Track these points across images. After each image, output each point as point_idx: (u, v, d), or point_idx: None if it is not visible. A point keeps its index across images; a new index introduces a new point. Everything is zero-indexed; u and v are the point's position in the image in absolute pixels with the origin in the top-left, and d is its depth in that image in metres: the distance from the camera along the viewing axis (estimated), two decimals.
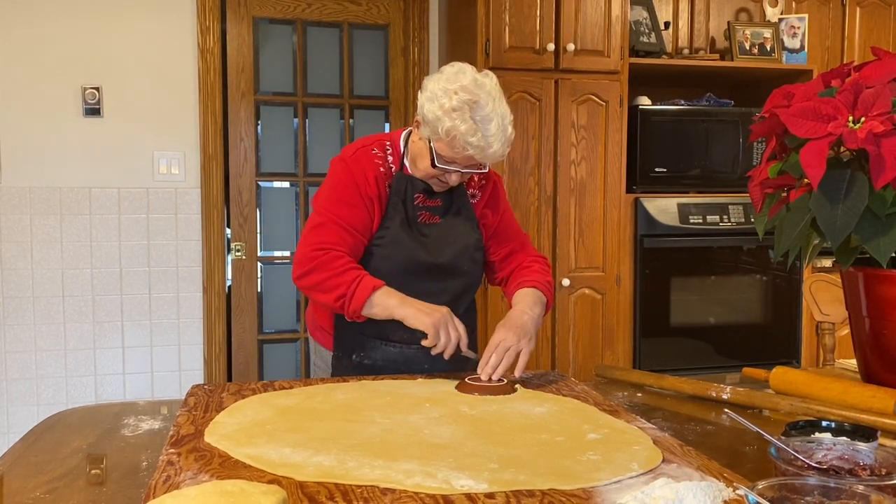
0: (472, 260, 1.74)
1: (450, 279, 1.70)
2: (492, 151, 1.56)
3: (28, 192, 3.24)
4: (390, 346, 1.69)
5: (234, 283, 3.62)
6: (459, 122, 1.52)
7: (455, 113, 1.52)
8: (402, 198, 1.68)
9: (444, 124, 1.53)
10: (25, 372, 3.27)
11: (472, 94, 1.53)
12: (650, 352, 3.34)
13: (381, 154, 1.70)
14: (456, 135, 1.53)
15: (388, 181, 1.69)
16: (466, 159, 1.58)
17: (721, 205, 3.38)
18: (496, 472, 1.00)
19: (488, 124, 1.53)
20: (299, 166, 3.67)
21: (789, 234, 1.22)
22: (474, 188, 1.78)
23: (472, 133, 1.52)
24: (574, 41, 3.14)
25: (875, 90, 1.14)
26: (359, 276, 1.56)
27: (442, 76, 1.58)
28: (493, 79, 1.59)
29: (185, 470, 1.01)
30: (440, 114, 1.54)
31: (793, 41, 3.54)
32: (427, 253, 1.68)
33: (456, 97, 1.53)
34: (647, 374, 1.58)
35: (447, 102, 1.53)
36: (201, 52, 3.37)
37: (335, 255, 1.59)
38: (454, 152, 1.57)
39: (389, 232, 1.66)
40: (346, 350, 1.73)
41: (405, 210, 1.68)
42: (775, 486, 0.79)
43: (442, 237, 1.71)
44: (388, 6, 3.68)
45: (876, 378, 1.34)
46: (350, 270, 1.57)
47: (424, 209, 1.70)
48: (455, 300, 1.70)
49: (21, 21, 3.19)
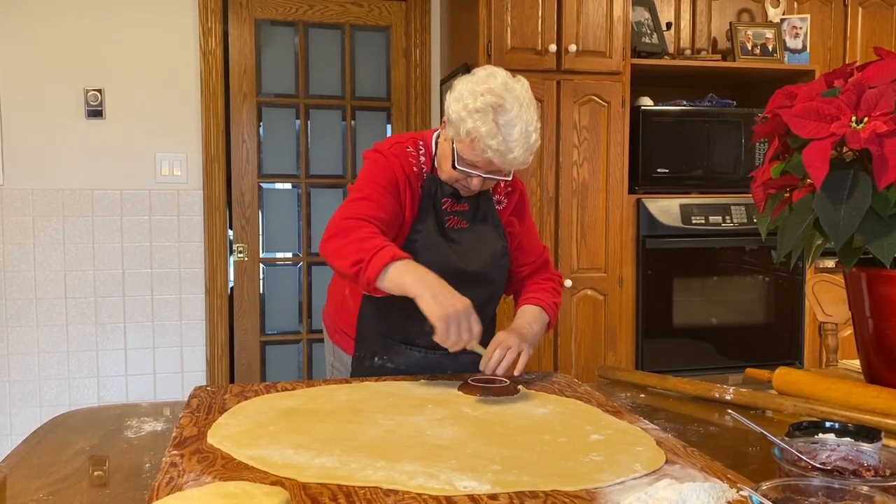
0: (499, 268, 1.72)
1: (478, 287, 1.67)
2: (512, 157, 1.51)
3: (30, 193, 3.24)
4: (415, 351, 1.67)
5: (237, 284, 3.62)
6: (481, 123, 1.49)
7: (478, 114, 1.49)
8: (432, 201, 1.65)
9: (467, 125, 1.50)
10: (28, 374, 3.27)
11: (498, 97, 1.50)
12: (652, 353, 3.34)
13: (415, 153, 1.67)
14: (476, 136, 1.50)
15: (420, 181, 1.66)
16: (487, 163, 1.54)
17: (723, 205, 3.37)
18: (499, 473, 1.00)
19: (511, 129, 1.49)
20: (301, 168, 3.67)
21: (792, 234, 1.22)
22: (500, 194, 1.75)
23: (492, 136, 1.49)
24: (576, 42, 3.14)
25: (878, 90, 1.14)
26: (382, 245, 1.47)
27: (472, 77, 1.55)
28: (524, 84, 1.55)
29: (188, 471, 1.01)
30: (464, 114, 1.51)
31: (795, 41, 3.54)
32: (459, 259, 1.65)
33: (481, 98, 1.50)
34: (650, 375, 1.58)
35: (472, 103, 1.50)
36: (203, 54, 3.37)
37: (362, 223, 1.52)
38: (474, 155, 1.53)
39: (422, 236, 1.64)
40: (368, 352, 1.71)
41: (435, 214, 1.66)
42: (779, 486, 0.79)
43: (471, 244, 1.68)
44: (390, 8, 3.68)
45: (879, 379, 1.34)
46: (374, 237, 1.49)
47: (452, 214, 1.68)
48: (481, 308, 1.66)
49: (23, 23, 3.20)
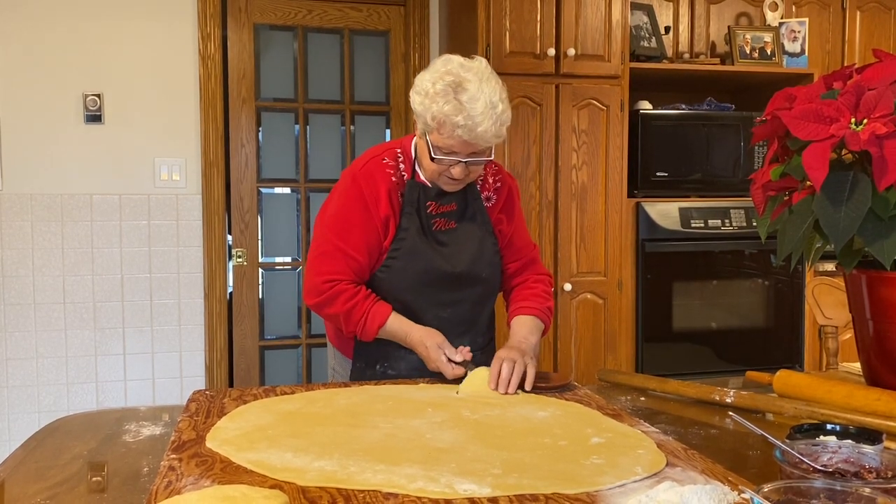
0: (490, 265, 1.71)
1: (468, 287, 1.68)
2: (481, 130, 1.50)
3: (29, 198, 3.24)
4: (414, 356, 1.67)
5: (236, 289, 3.61)
6: (444, 103, 1.50)
7: (439, 97, 1.51)
8: (415, 207, 1.65)
9: (431, 110, 1.52)
10: (26, 379, 3.26)
11: (455, 76, 1.51)
12: (652, 356, 3.33)
13: (393, 163, 1.66)
14: (442, 118, 1.51)
15: (400, 190, 1.66)
16: (461, 144, 1.54)
17: (722, 209, 3.37)
18: (499, 476, 1.00)
19: (475, 104, 1.49)
20: (300, 172, 3.67)
21: (792, 236, 1.22)
22: (489, 191, 1.74)
23: (457, 112, 1.49)
24: (575, 46, 3.15)
25: (877, 92, 1.14)
26: (365, 312, 1.61)
27: (430, 68, 1.57)
28: (482, 62, 1.56)
29: (187, 475, 1.01)
30: (427, 101, 1.52)
31: (793, 45, 3.55)
32: (445, 262, 1.65)
33: (440, 82, 1.51)
34: (650, 378, 1.57)
35: (431, 89, 1.52)
36: (202, 59, 3.37)
37: (341, 288, 1.62)
38: (445, 139, 1.53)
39: (405, 243, 1.64)
40: (370, 360, 1.71)
41: (419, 219, 1.65)
42: (781, 489, 0.79)
43: (458, 244, 1.67)
44: (389, 12, 3.69)
45: (880, 381, 1.34)
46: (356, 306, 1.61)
47: (438, 216, 1.67)
48: (475, 307, 1.66)
49: (22, 28, 3.20)
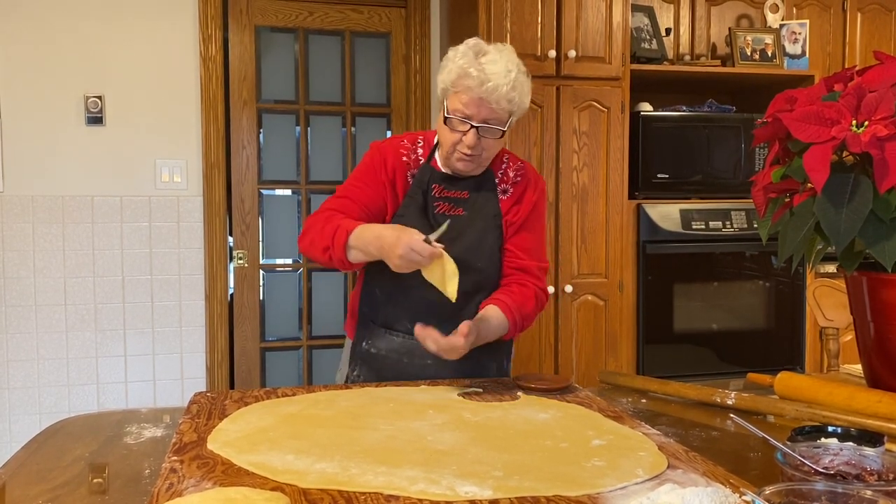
0: (488, 257, 1.70)
1: (461, 274, 1.61)
2: (491, 85, 1.53)
3: (30, 200, 3.24)
4: (394, 336, 1.70)
5: (237, 290, 3.61)
6: (462, 61, 1.56)
7: (459, 56, 1.58)
8: (422, 188, 1.69)
9: (449, 67, 1.58)
10: (27, 380, 3.26)
11: (477, 44, 1.59)
12: (653, 358, 3.33)
13: (410, 146, 1.74)
14: (458, 72, 1.56)
15: (409, 171, 1.71)
16: (474, 103, 1.56)
17: (723, 211, 3.37)
18: (500, 478, 1.00)
19: (492, 65, 1.55)
20: (301, 174, 3.67)
21: (793, 238, 1.22)
22: (507, 183, 1.74)
23: (471, 65, 1.55)
24: (575, 48, 3.15)
25: (878, 94, 1.14)
26: (337, 224, 1.59)
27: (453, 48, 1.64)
28: (508, 45, 1.63)
29: (188, 477, 1.01)
30: (449, 64, 1.59)
31: (794, 47, 3.55)
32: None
33: (462, 48, 1.59)
34: (651, 380, 1.57)
35: (454, 55, 1.59)
36: (203, 61, 3.37)
37: (328, 215, 1.64)
38: (460, 95, 1.57)
39: (402, 220, 1.65)
40: (360, 337, 1.76)
41: (424, 199, 1.69)
42: (782, 491, 0.79)
43: (457, 230, 1.65)
44: (390, 14, 3.69)
45: (881, 383, 1.34)
46: (332, 220, 1.61)
47: (442, 199, 1.69)
48: (463, 296, 1.60)
49: (24, 30, 3.20)
